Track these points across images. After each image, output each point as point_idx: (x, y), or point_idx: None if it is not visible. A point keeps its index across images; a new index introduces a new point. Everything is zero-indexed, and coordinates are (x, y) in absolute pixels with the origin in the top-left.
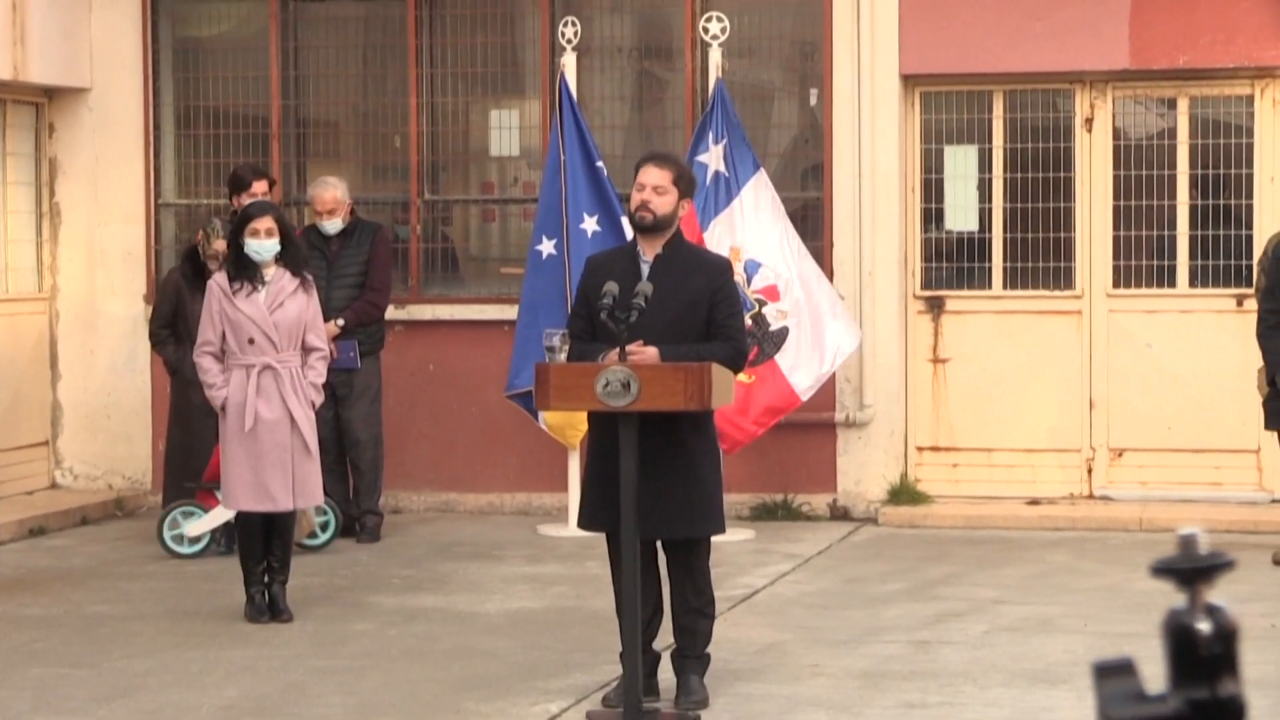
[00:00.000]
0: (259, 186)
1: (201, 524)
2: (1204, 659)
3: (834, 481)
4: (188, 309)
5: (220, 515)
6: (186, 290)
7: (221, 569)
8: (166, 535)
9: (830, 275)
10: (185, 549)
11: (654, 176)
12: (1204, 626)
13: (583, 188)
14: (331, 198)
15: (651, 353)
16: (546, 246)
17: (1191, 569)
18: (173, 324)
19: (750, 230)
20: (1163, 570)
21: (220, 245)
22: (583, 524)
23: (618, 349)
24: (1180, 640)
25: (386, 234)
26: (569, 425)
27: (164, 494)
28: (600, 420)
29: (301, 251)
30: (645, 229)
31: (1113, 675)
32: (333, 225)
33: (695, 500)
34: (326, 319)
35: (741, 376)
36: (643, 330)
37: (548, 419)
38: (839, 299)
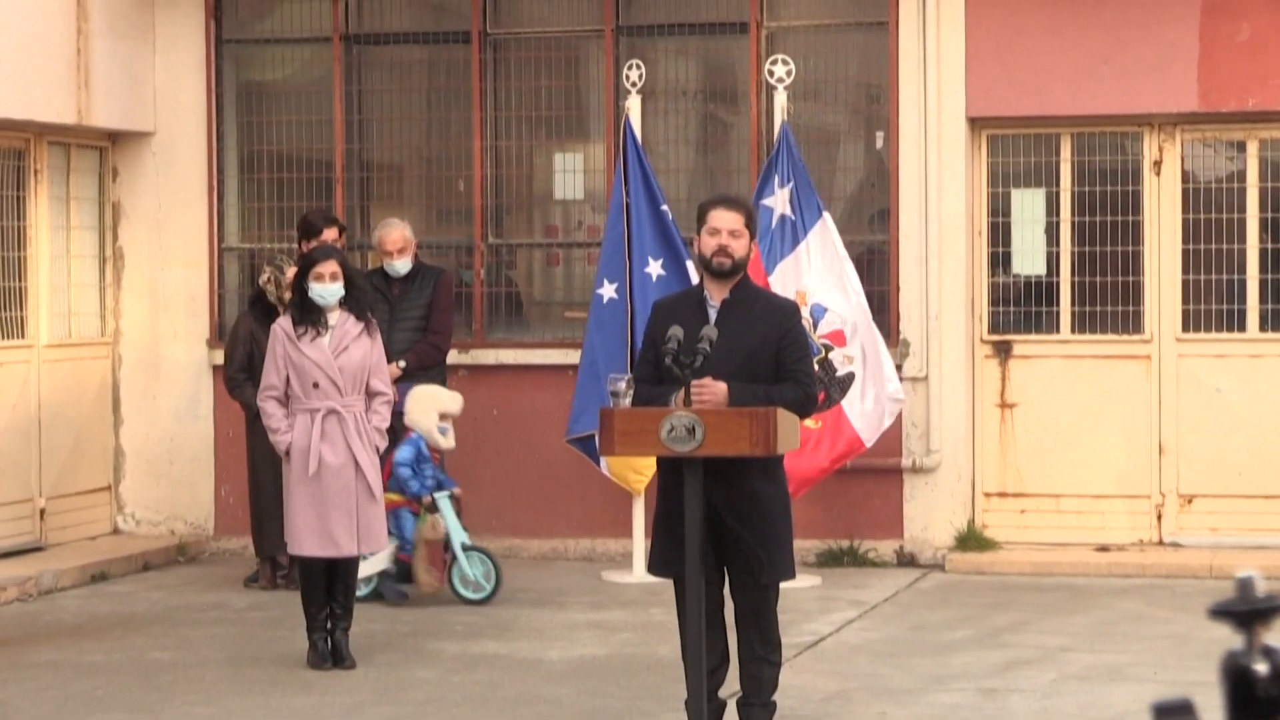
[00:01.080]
0: (329, 233)
1: (368, 565)
2: (1261, 700)
3: (901, 528)
4: (262, 351)
5: (384, 558)
6: (260, 332)
7: (284, 615)
8: None
9: (896, 319)
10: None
11: (728, 220)
12: (1261, 668)
13: (647, 231)
14: (400, 236)
15: (720, 388)
16: (608, 290)
17: (1249, 611)
18: (249, 367)
19: (816, 274)
20: (1220, 612)
21: (293, 274)
22: (652, 569)
23: (682, 393)
24: (1237, 681)
25: (450, 278)
26: (631, 470)
27: (256, 541)
28: (668, 465)
29: (367, 295)
30: (723, 274)
31: (1172, 716)
32: (403, 264)
33: (765, 545)
34: (389, 362)
35: (808, 422)
36: (708, 374)
37: (610, 464)
38: (890, 359)
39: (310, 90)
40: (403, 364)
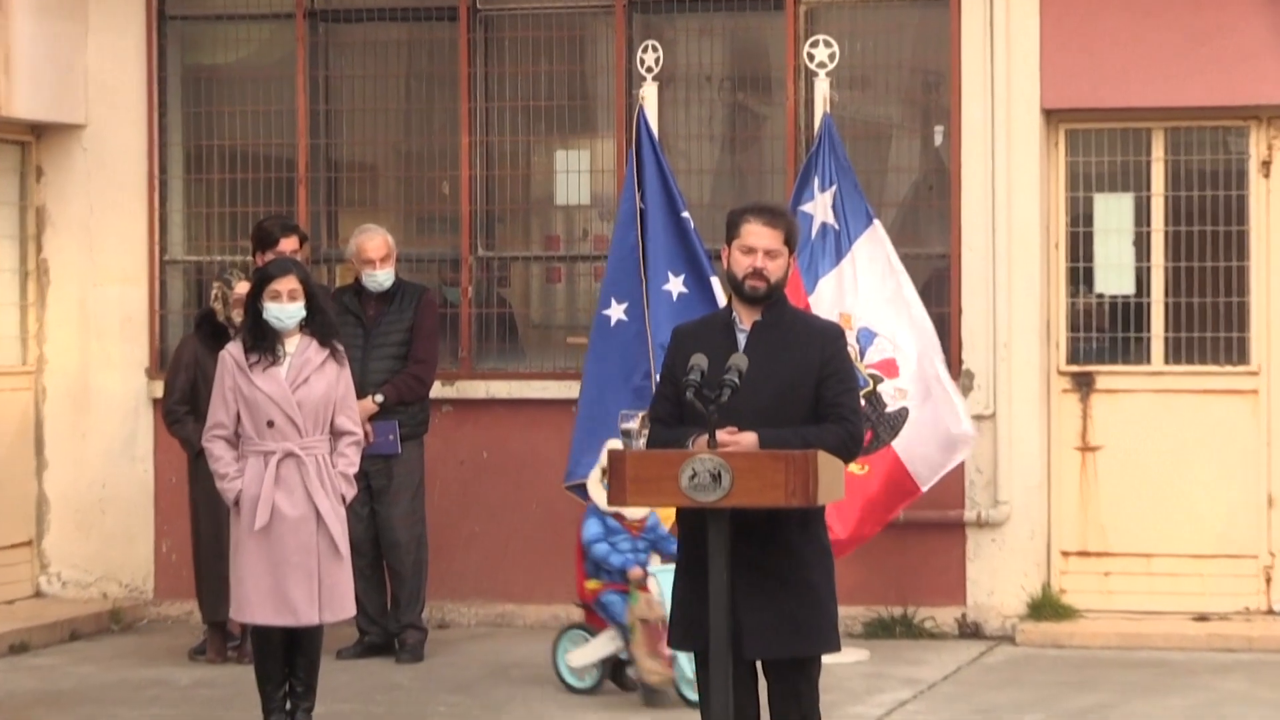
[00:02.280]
0: (288, 244)
1: (587, 653)
2: None
3: (963, 592)
4: (208, 381)
5: (608, 642)
6: (207, 359)
7: (236, 693)
8: (561, 665)
9: (958, 347)
10: (578, 682)
11: (765, 238)
12: None
13: (665, 242)
14: (383, 243)
15: (748, 439)
16: (616, 311)
17: None
18: (191, 399)
19: (863, 293)
20: None
21: (245, 289)
22: (672, 642)
23: (706, 434)
24: None
25: (433, 297)
26: None
27: (201, 604)
28: (689, 519)
29: (330, 317)
30: (758, 300)
31: None
32: (386, 276)
33: (803, 612)
34: (362, 395)
35: (853, 466)
36: (737, 411)
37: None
38: (956, 389)
39: (269, 75)
40: (379, 398)
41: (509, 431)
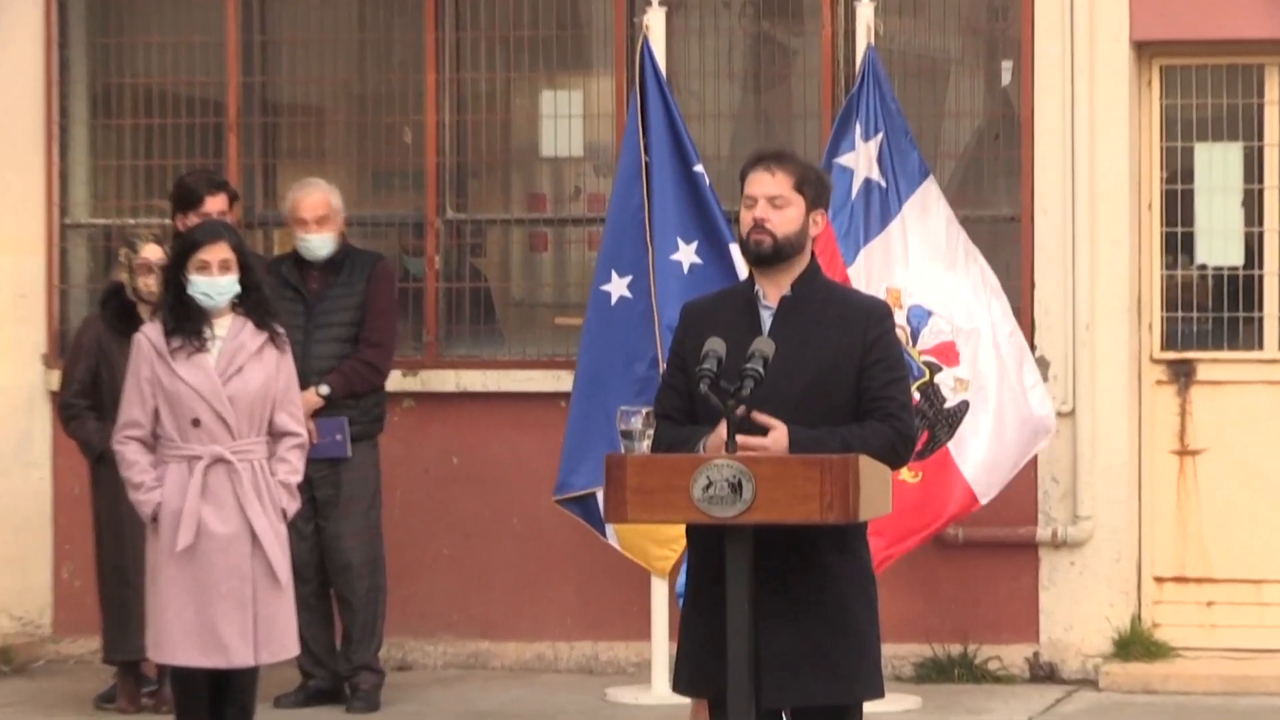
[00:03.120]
0: (215, 203)
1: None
2: None
3: (1035, 627)
4: (114, 370)
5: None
6: (112, 343)
7: None
8: None
9: (1030, 329)
10: None
11: (766, 184)
12: None
13: (674, 202)
14: (322, 201)
15: (778, 434)
16: (617, 286)
17: None
18: (93, 391)
19: (916, 264)
20: None
21: (153, 254)
22: (680, 686)
23: (725, 433)
24: None
25: (389, 267)
26: (652, 544)
27: (104, 640)
28: (703, 538)
29: (268, 294)
30: (763, 259)
31: None
32: (322, 242)
33: (840, 651)
34: (304, 386)
35: (904, 473)
36: (762, 408)
37: (621, 535)
38: (1033, 365)
39: (193, 1)
40: (325, 389)
41: (485, 432)
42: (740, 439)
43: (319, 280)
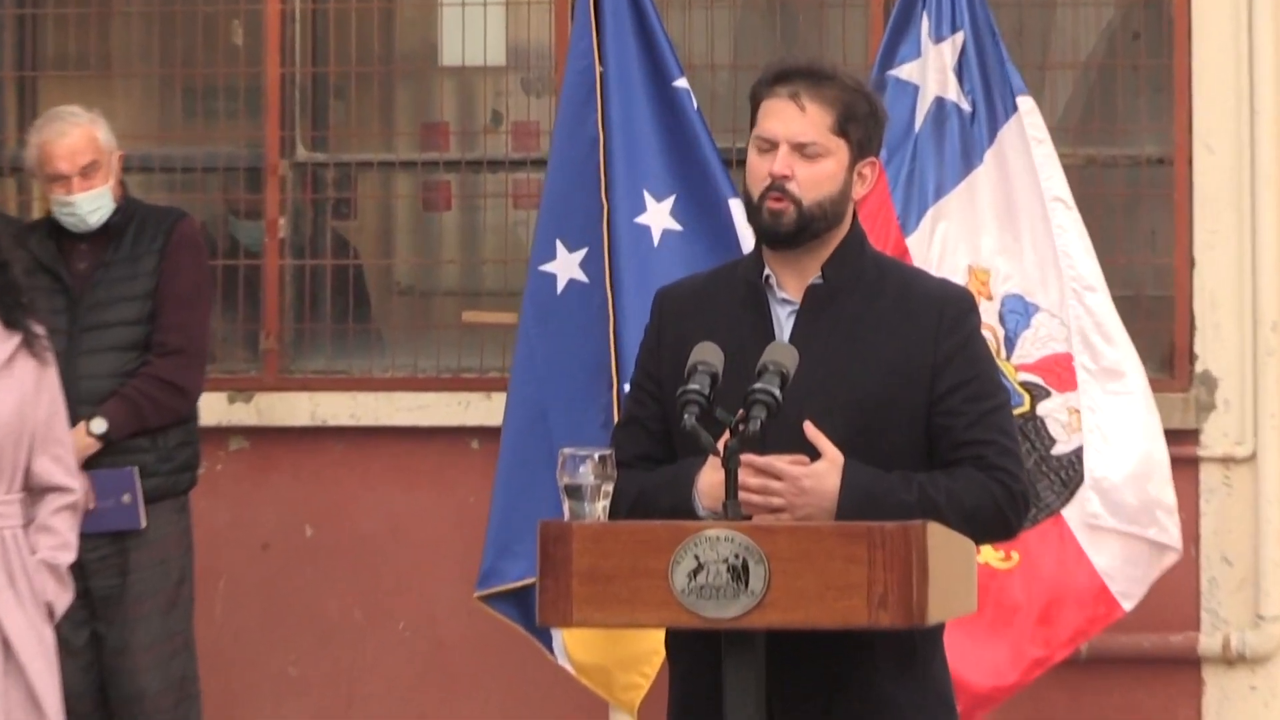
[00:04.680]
0: None
1: None
2: None
3: None
4: None
5: None
6: None
7: None
8: None
9: (1185, 331)
10: None
11: (791, 122)
12: None
13: (644, 140)
14: (82, 142)
15: (823, 469)
16: (566, 265)
17: None
18: None
19: (1012, 229)
20: None
21: None
22: None
23: (723, 482)
24: None
25: (194, 230)
26: (614, 662)
27: None
28: (690, 649)
29: (18, 276)
30: (782, 238)
31: None
32: (90, 204)
33: None
34: (74, 418)
35: (992, 557)
36: (781, 451)
37: (570, 646)
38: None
39: None
40: (100, 425)
41: (355, 488)
42: (748, 474)
43: (88, 258)
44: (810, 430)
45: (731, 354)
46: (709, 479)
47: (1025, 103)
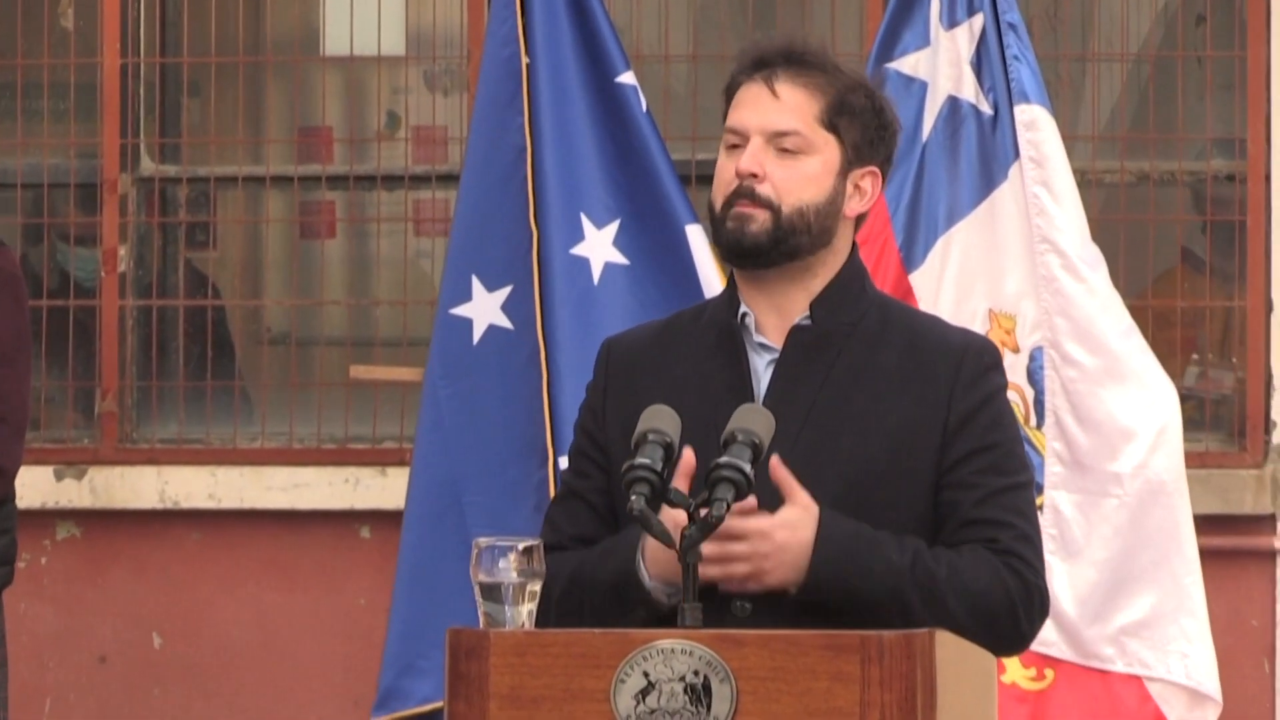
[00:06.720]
0: None
1: None
2: None
3: None
4: None
5: None
6: None
7: None
8: None
9: (1261, 377)
10: None
11: (766, 109)
12: None
13: (583, 150)
14: None
15: (792, 517)
16: (484, 308)
17: None
18: None
19: (1045, 265)
20: None
21: None
22: None
23: (680, 581)
24: None
25: (13, 264)
26: None
27: None
28: None
29: None
30: (751, 252)
31: None
32: None
33: None
34: None
35: (1019, 672)
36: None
37: None
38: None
39: None
40: None
41: (214, 587)
42: (714, 543)
43: None
44: (776, 468)
45: (698, 416)
46: (657, 568)
47: (1028, 112)
